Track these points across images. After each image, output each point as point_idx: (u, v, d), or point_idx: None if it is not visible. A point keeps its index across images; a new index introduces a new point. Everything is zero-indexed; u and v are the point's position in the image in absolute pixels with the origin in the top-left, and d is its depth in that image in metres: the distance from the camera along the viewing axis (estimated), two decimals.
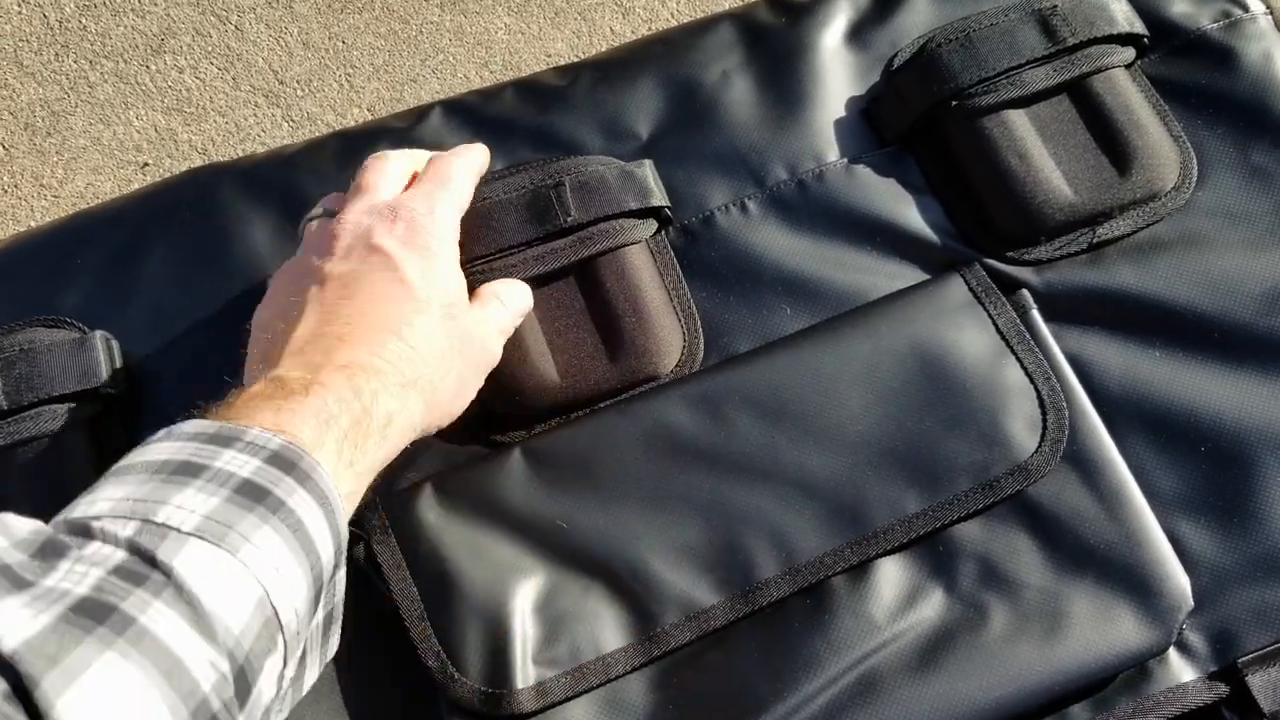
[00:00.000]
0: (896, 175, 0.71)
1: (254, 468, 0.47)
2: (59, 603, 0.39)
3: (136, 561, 0.42)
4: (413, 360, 0.57)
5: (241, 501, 0.46)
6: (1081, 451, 0.62)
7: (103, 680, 0.38)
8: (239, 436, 0.48)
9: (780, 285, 0.69)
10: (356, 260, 0.59)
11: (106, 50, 1.58)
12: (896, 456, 0.62)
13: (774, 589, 0.60)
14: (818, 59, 0.75)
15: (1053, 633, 0.59)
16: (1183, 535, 0.62)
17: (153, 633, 0.40)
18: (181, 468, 0.46)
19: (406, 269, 0.58)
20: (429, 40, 1.59)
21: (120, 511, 0.44)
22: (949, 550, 0.61)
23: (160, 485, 0.45)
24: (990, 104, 0.69)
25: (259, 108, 1.55)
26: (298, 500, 0.48)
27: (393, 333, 0.57)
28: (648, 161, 0.70)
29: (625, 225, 0.68)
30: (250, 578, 0.44)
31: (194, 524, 0.44)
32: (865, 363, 0.64)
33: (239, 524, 0.45)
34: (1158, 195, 0.69)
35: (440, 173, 0.64)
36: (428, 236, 0.60)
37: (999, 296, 0.66)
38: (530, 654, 0.58)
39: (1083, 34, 0.70)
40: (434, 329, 0.58)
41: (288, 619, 0.46)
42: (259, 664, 0.44)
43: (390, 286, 0.58)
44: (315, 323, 0.57)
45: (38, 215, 1.49)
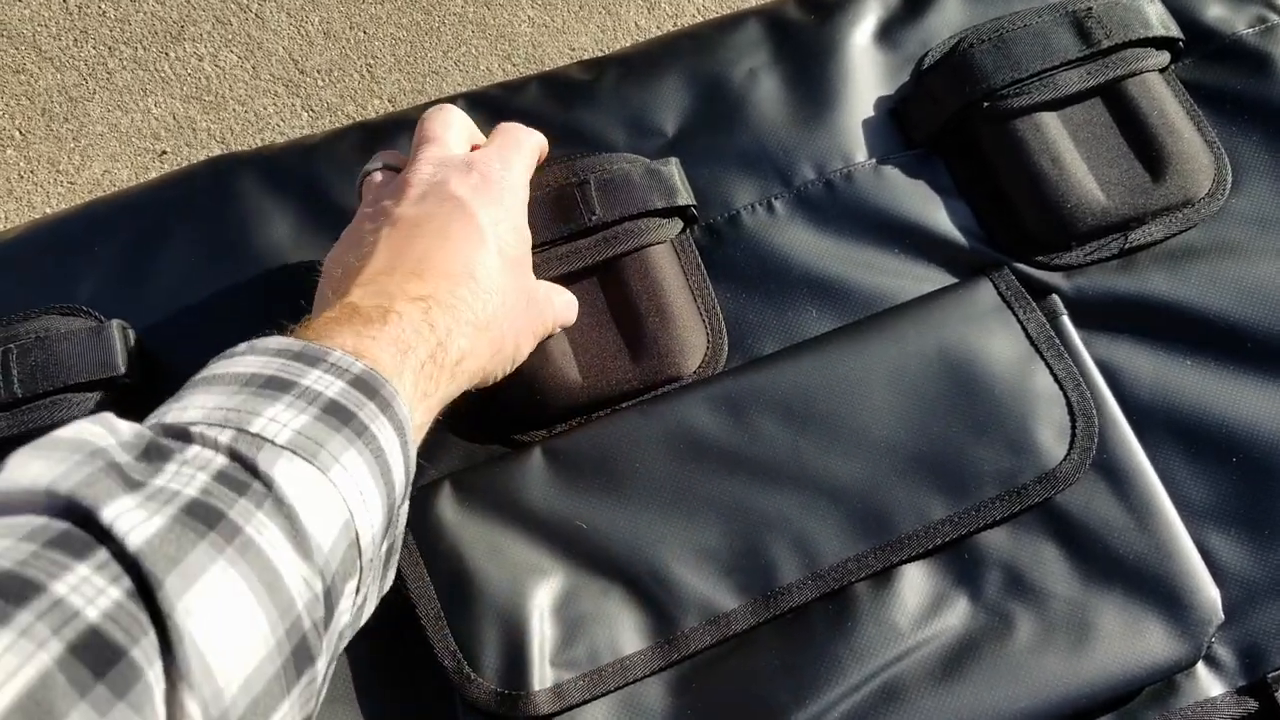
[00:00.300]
0: (925, 177, 0.70)
1: (339, 389, 0.47)
2: (171, 503, 0.39)
3: (238, 469, 0.42)
4: (485, 302, 0.56)
5: (330, 421, 0.45)
6: (1111, 460, 0.61)
7: (216, 586, 0.38)
8: (323, 357, 0.48)
9: (806, 286, 0.68)
10: (431, 205, 0.59)
11: (125, 37, 1.57)
12: (922, 462, 0.61)
13: (796, 594, 0.59)
14: (847, 57, 0.74)
15: (1079, 644, 0.58)
16: (1213, 547, 0.61)
17: (257, 544, 0.40)
18: (270, 382, 0.46)
19: (480, 215, 0.58)
20: (451, 32, 1.58)
21: (214, 419, 0.43)
22: (974, 558, 0.60)
23: (251, 397, 0.45)
24: (1023, 106, 0.68)
25: (279, 97, 1.55)
26: (379, 426, 0.47)
27: (467, 273, 0.56)
28: (674, 159, 0.69)
29: (650, 225, 0.67)
30: (339, 498, 0.44)
31: (287, 438, 0.44)
32: (892, 366, 0.63)
33: (329, 443, 0.45)
34: (1191, 201, 0.68)
35: (513, 136, 0.65)
36: (502, 190, 0.60)
37: (1029, 301, 0.65)
38: (548, 655, 0.58)
39: (1118, 36, 0.69)
40: (504, 276, 0.58)
41: (366, 544, 0.46)
42: (341, 587, 0.44)
43: (463, 229, 0.58)
44: (388, 258, 0.56)
45: (54, 202, 1.48)
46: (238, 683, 0.38)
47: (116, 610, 0.35)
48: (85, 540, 0.37)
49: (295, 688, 0.41)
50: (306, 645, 0.42)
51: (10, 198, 1.48)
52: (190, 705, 0.36)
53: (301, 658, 0.41)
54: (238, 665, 0.38)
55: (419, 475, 0.63)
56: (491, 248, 0.58)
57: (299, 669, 0.41)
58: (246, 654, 0.38)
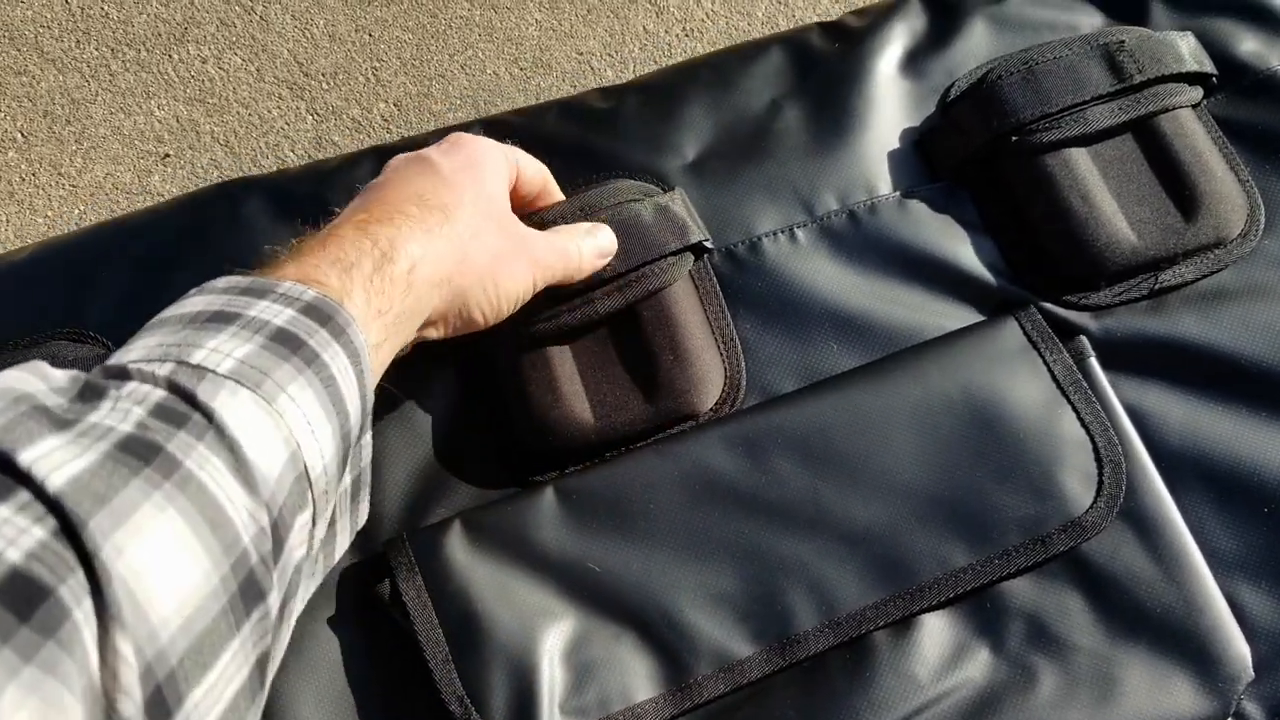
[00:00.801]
0: (951, 210, 0.69)
1: (288, 317, 0.46)
2: (104, 440, 0.38)
3: (176, 400, 0.41)
4: (433, 212, 0.55)
5: (277, 349, 0.44)
6: (1139, 508, 0.60)
7: (150, 524, 0.37)
8: (272, 289, 0.47)
9: (828, 320, 0.66)
10: (397, 164, 0.59)
11: (128, 38, 1.56)
12: (944, 507, 0.59)
13: (813, 642, 0.58)
14: (871, 86, 0.72)
15: (1104, 699, 0.57)
16: (1242, 600, 0.60)
17: (198, 478, 0.39)
18: (215, 316, 0.45)
19: (440, 162, 0.58)
20: (458, 35, 1.56)
21: (155, 355, 0.43)
22: (997, 608, 0.59)
23: (194, 331, 0.44)
24: (1052, 141, 0.67)
25: (283, 100, 1.53)
26: (332, 354, 0.46)
27: (414, 197, 0.55)
28: (679, 191, 0.67)
29: (665, 266, 0.65)
30: (285, 429, 0.43)
31: (230, 367, 0.43)
32: (914, 408, 0.61)
33: (274, 372, 0.44)
34: (1224, 242, 0.66)
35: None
36: (473, 149, 0.59)
37: (1055, 343, 0.63)
38: (557, 702, 0.56)
39: (1150, 71, 0.68)
40: (461, 196, 0.57)
41: (317, 476, 0.45)
42: (290, 520, 0.43)
43: (423, 171, 0.57)
44: (345, 214, 0.56)
45: (55, 204, 1.47)
46: (177, 621, 0.37)
47: (40, 550, 0.34)
48: (4, 483, 0.36)
49: (245, 624, 0.40)
50: (255, 580, 0.41)
51: (11, 200, 1.47)
52: (123, 645, 0.35)
53: (251, 594, 0.40)
54: (176, 603, 0.37)
55: (429, 516, 0.62)
56: (447, 179, 0.57)
57: (248, 605, 0.40)
58: (186, 591, 0.37)
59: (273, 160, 1.49)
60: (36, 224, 1.45)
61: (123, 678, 0.35)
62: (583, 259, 0.62)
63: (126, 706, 0.35)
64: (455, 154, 0.59)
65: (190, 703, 0.37)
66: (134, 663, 0.35)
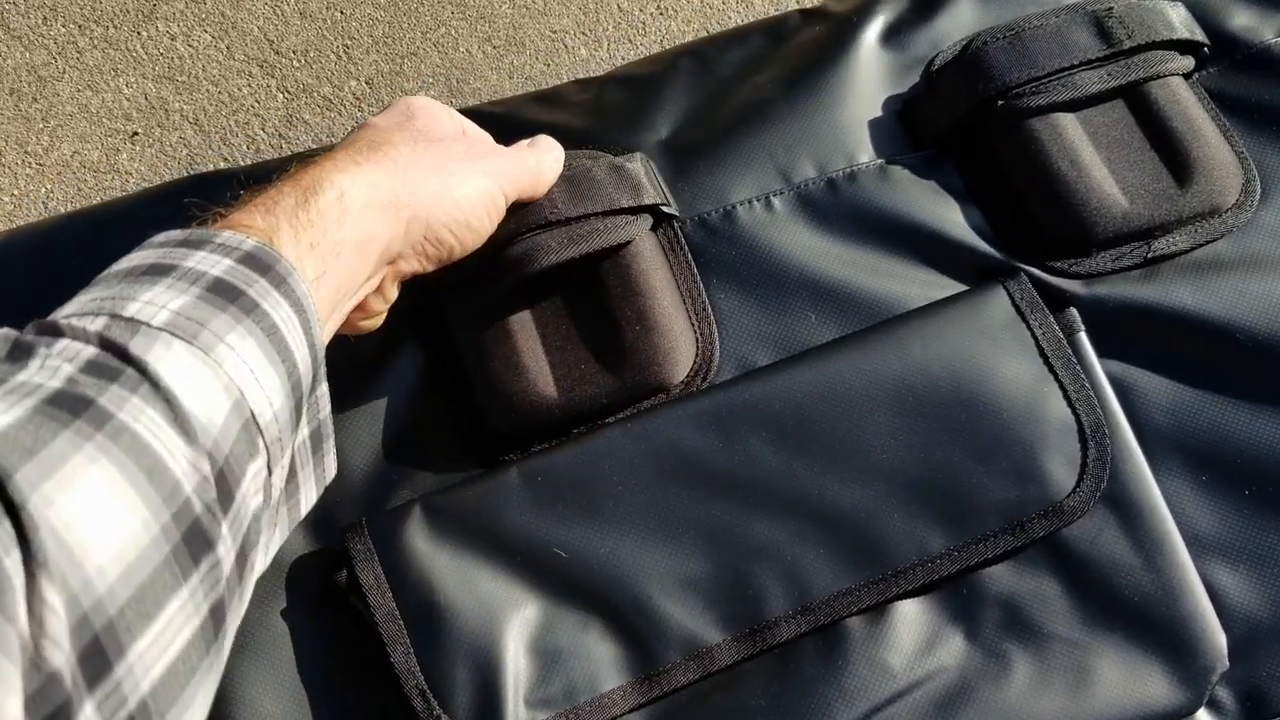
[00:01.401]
0: (934, 178, 0.67)
1: (226, 267, 0.45)
2: (31, 396, 0.38)
3: (108, 356, 0.40)
4: (365, 148, 0.54)
5: (213, 300, 0.44)
6: (1122, 493, 0.58)
7: (82, 476, 0.37)
8: (209, 240, 0.46)
9: (805, 290, 0.64)
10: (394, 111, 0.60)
11: (96, 15, 1.53)
12: (923, 489, 0.58)
13: (784, 629, 0.56)
14: (853, 58, 0.71)
15: (1078, 689, 0.56)
16: (1219, 582, 0.59)
17: (132, 429, 0.39)
18: (151, 269, 0.45)
19: (378, 120, 0.58)
20: (430, 13, 1.54)
21: (88, 309, 0.42)
22: (973, 594, 0.58)
23: (129, 285, 0.44)
24: (1040, 105, 0.65)
25: (253, 78, 1.51)
26: (273, 303, 0.46)
27: (344, 146, 0.55)
28: (639, 154, 0.66)
29: (619, 222, 0.63)
30: (225, 377, 0.42)
31: (164, 319, 0.42)
32: (895, 384, 0.60)
33: (211, 322, 0.43)
34: (1219, 211, 0.65)
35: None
36: (417, 114, 0.59)
37: (1045, 313, 0.61)
38: (522, 693, 0.55)
39: (1140, 37, 0.66)
40: (390, 136, 0.56)
41: (266, 424, 0.44)
42: (240, 469, 0.43)
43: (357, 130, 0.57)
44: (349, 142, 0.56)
45: (21, 183, 1.44)
46: (115, 570, 0.36)
47: None
48: None
49: (193, 574, 0.39)
50: (200, 529, 0.40)
51: None
52: (50, 595, 0.34)
53: (196, 543, 0.40)
54: (113, 553, 0.36)
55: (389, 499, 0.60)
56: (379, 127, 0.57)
57: (195, 555, 0.40)
58: (123, 541, 0.37)
59: (243, 139, 1.47)
60: (2, 203, 1.43)
61: (50, 628, 0.34)
62: (541, 164, 0.61)
63: (55, 656, 0.34)
64: (392, 110, 0.59)
65: (134, 653, 0.36)
66: (62, 613, 0.34)
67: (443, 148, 0.56)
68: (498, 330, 0.62)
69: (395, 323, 0.62)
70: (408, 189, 0.53)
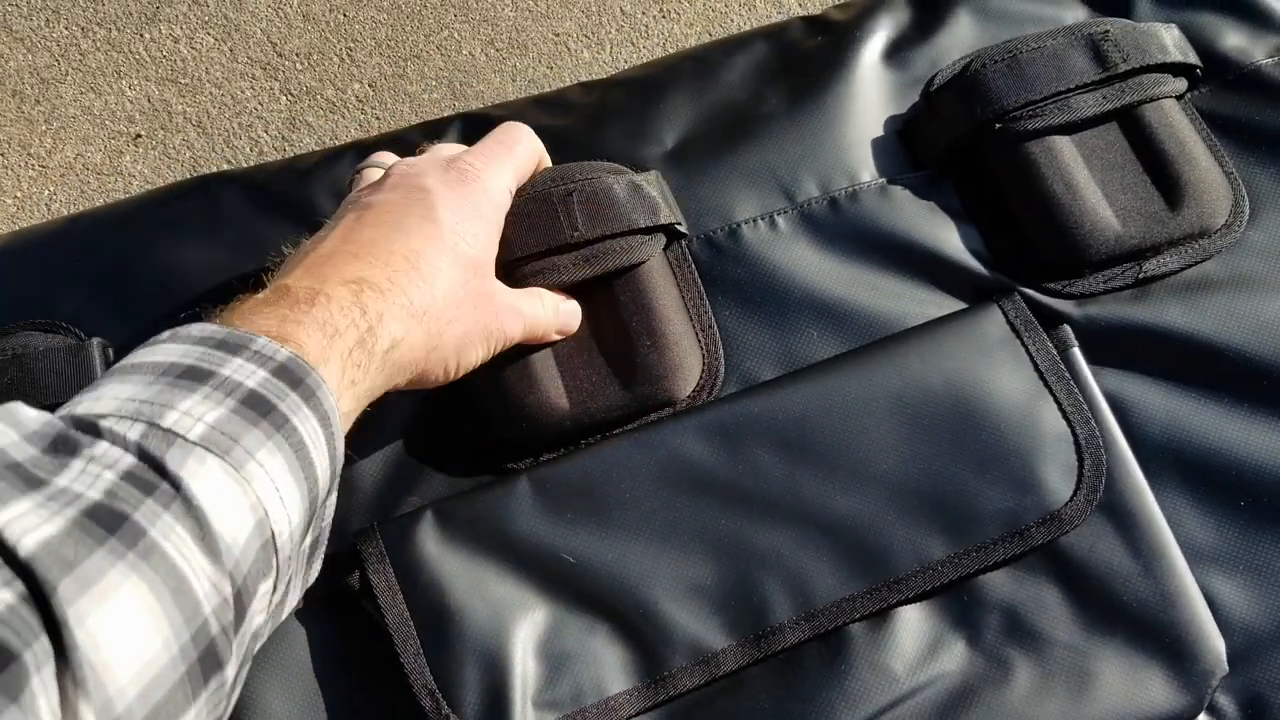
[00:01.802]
0: (934, 198, 0.68)
1: (260, 379, 0.46)
2: (73, 505, 0.38)
3: (145, 469, 0.41)
4: (424, 291, 0.54)
5: (247, 414, 0.44)
6: (1118, 502, 0.60)
7: (114, 593, 0.37)
8: (246, 344, 0.47)
9: (808, 307, 0.66)
10: (398, 194, 0.57)
11: (99, 17, 1.54)
12: (923, 499, 0.59)
13: (788, 634, 0.57)
14: (854, 75, 0.72)
15: (1079, 693, 0.56)
16: (1217, 592, 0.60)
17: (162, 548, 0.39)
18: (188, 372, 0.45)
19: (442, 212, 0.57)
20: (433, 15, 1.55)
21: (126, 412, 0.43)
22: (974, 600, 0.59)
23: (166, 388, 0.44)
24: (1036, 128, 0.66)
25: (256, 80, 1.51)
26: (302, 418, 0.46)
27: (408, 262, 0.54)
28: (655, 173, 0.67)
29: (634, 243, 0.64)
30: (253, 496, 0.43)
31: (200, 432, 0.43)
32: (894, 397, 0.61)
33: (244, 438, 0.44)
34: (1208, 232, 0.66)
35: (507, 136, 0.63)
36: (477, 191, 0.59)
37: (1039, 331, 0.63)
38: (530, 695, 0.56)
39: (1134, 61, 0.67)
40: (451, 271, 0.56)
41: (283, 543, 0.45)
42: (254, 588, 0.44)
43: (421, 223, 0.56)
44: (336, 242, 0.55)
45: (24, 185, 1.45)
46: (134, 690, 0.37)
47: (8, 614, 0.35)
48: None
49: (202, 694, 0.40)
50: (215, 651, 0.41)
51: None
52: (84, 712, 0.35)
53: (209, 664, 0.40)
54: (135, 673, 0.37)
55: (400, 505, 0.61)
56: (445, 242, 0.56)
57: (206, 675, 0.40)
58: (145, 661, 0.38)
59: (246, 141, 1.48)
60: (5, 205, 1.44)
61: None
62: (557, 324, 0.63)
63: None
64: (461, 191, 0.58)
65: None
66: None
67: (475, 305, 0.58)
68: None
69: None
70: (430, 356, 0.56)
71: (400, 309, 0.53)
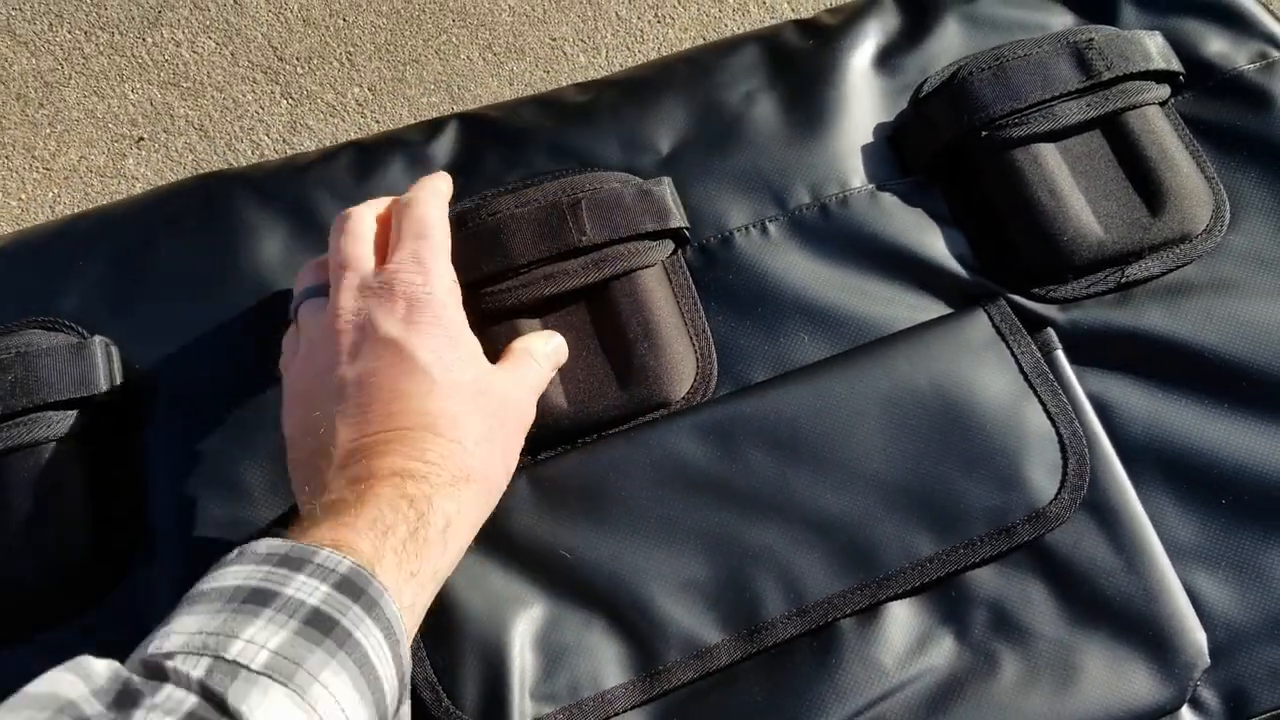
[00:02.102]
0: (922, 204, 0.70)
1: (323, 595, 0.46)
2: None
3: (208, 709, 0.41)
4: (457, 454, 0.55)
5: (310, 634, 0.45)
6: (1102, 499, 0.61)
7: None
8: (309, 559, 0.47)
9: (799, 312, 0.67)
10: (369, 358, 0.56)
11: (102, 21, 1.55)
12: (911, 497, 0.60)
13: (780, 629, 0.58)
14: (845, 82, 0.73)
15: (1064, 685, 0.57)
16: (1199, 589, 0.61)
17: None
18: (253, 595, 0.46)
19: (420, 354, 0.56)
20: (432, 20, 1.56)
21: (193, 647, 0.43)
22: (961, 596, 0.59)
23: (231, 616, 0.45)
24: (1021, 136, 0.68)
25: (257, 84, 1.53)
26: (365, 631, 0.46)
27: (429, 430, 0.55)
28: (666, 179, 0.68)
29: (641, 247, 0.66)
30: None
31: (264, 660, 0.43)
32: (883, 399, 0.62)
33: (307, 660, 0.44)
34: (1189, 237, 0.67)
35: (417, 222, 0.61)
36: (431, 309, 0.58)
37: (1024, 335, 0.64)
38: (528, 688, 0.57)
39: (1118, 69, 0.68)
40: (469, 414, 0.56)
41: None
42: None
43: (410, 379, 0.56)
44: (350, 434, 0.55)
45: (29, 188, 1.46)
46: None
47: None
48: None
49: None
50: None
51: None
52: None
53: None
54: None
55: None
56: (444, 385, 0.56)
57: None
58: None
59: (247, 144, 1.49)
60: (10, 207, 1.45)
61: None
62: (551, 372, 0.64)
63: None
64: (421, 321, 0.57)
65: None
66: None
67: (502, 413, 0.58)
68: (509, 339, 0.64)
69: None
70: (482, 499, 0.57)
71: (445, 485, 0.53)
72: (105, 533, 0.61)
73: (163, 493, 0.62)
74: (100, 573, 0.60)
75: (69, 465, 0.62)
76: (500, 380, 0.59)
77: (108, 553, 0.61)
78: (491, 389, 0.58)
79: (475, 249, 0.64)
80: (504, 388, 0.59)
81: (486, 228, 0.65)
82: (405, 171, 0.71)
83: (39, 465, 0.61)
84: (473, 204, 0.67)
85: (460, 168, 0.71)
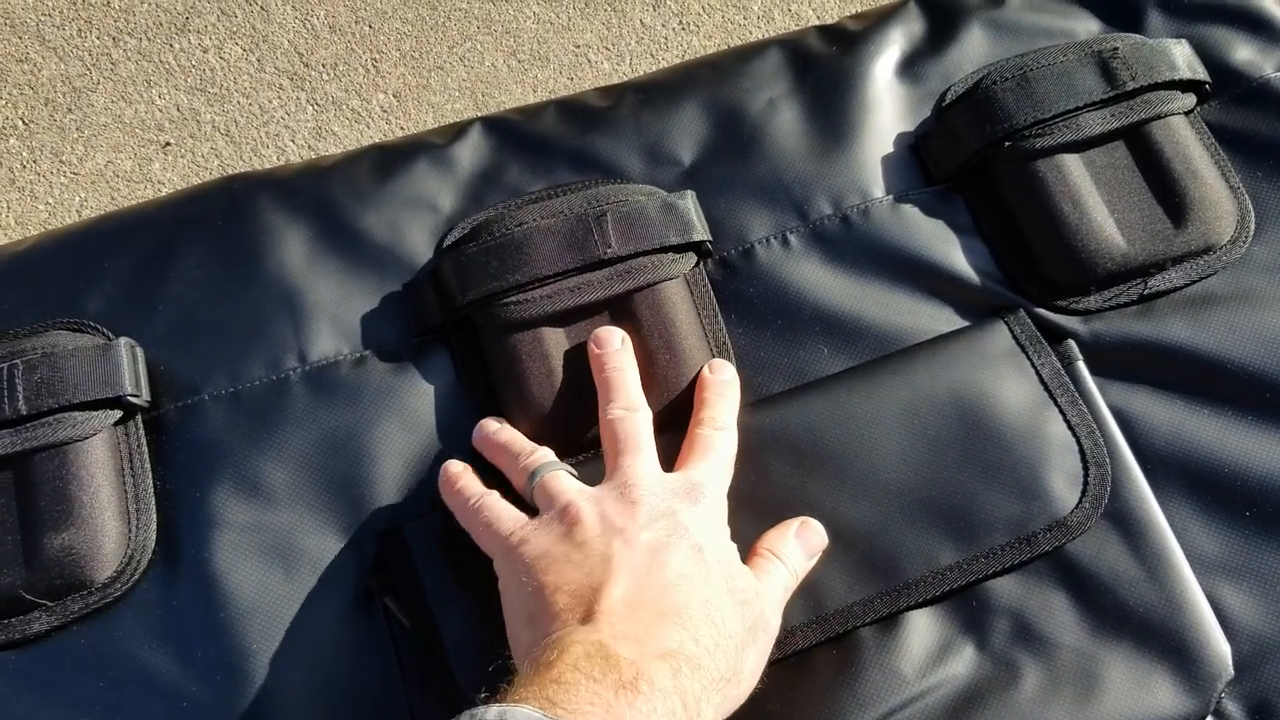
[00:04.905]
0: (944, 215, 0.69)
1: None
2: None
3: None
4: (725, 649, 0.53)
5: None
6: (1123, 509, 0.61)
7: None
8: None
9: (819, 324, 0.67)
10: (662, 533, 0.55)
11: (130, 27, 1.56)
12: (932, 506, 0.60)
13: (800, 637, 0.58)
14: (868, 90, 0.73)
15: (1086, 696, 0.57)
16: (1224, 600, 0.60)
17: None
18: None
19: (709, 552, 0.55)
20: (457, 27, 1.57)
21: None
22: (982, 605, 0.59)
23: None
24: (1045, 147, 0.67)
25: (283, 90, 1.54)
26: None
27: (707, 619, 0.53)
28: (690, 193, 0.68)
29: (665, 260, 0.66)
30: None
31: None
32: (903, 409, 0.62)
33: None
34: (1213, 248, 0.67)
35: (719, 450, 0.61)
36: (721, 518, 0.58)
37: (1044, 346, 0.64)
38: None
39: (1143, 79, 0.68)
40: (735, 616, 0.54)
41: None
42: None
43: (698, 567, 0.55)
44: (630, 586, 0.53)
45: (56, 192, 1.47)
46: None
47: None
48: None
49: None
50: None
51: (13, 188, 1.47)
52: None
53: None
54: None
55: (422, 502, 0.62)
56: (722, 586, 0.55)
57: None
58: None
59: (273, 150, 1.50)
60: (38, 211, 1.46)
61: None
62: (800, 574, 0.60)
63: None
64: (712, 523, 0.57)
65: None
66: None
67: (759, 642, 0.55)
68: (532, 349, 0.65)
69: (430, 337, 0.65)
70: (732, 705, 0.54)
71: (712, 683, 0.51)
72: (128, 533, 0.62)
73: (185, 493, 0.63)
74: (123, 573, 0.61)
75: (94, 465, 0.62)
76: (759, 594, 0.57)
77: (131, 553, 0.61)
78: (752, 603, 0.56)
79: (500, 259, 0.64)
80: (762, 604, 0.56)
81: (512, 238, 0.65)
82: (428, 174, 0.71)
83: (64, 465, 0.61)
84: (497, 213, 0.68)
85: (483, 174, 0.71)
